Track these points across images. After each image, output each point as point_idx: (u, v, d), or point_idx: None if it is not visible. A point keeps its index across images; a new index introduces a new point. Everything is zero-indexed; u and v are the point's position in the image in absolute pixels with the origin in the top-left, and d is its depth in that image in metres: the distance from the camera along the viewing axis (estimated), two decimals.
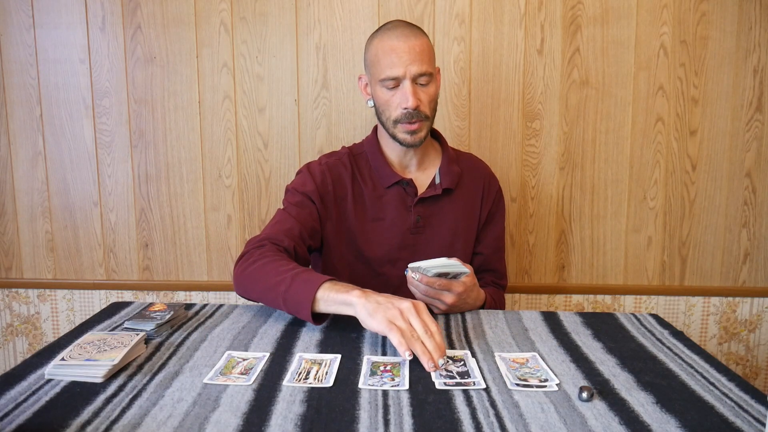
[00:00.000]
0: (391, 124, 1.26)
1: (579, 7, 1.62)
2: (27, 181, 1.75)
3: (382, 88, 1.24)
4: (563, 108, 1.66)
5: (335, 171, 1.32)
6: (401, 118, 1.23)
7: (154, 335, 1.00)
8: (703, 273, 1.72)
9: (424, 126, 1.25)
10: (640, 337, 1.03)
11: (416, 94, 1.21)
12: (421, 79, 1.22)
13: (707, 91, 1.64)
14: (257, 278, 1.09)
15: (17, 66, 1.70)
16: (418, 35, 1.23)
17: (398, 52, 1.20)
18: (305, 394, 0.80)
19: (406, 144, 1.27)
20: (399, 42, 1.21)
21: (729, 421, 0.73)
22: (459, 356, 0.93)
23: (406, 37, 1.21)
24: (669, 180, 1.68)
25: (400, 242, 1.31)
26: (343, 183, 1.31)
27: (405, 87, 1.21)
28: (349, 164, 1.33)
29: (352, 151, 1.36)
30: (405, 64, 1.20)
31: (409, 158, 1.33)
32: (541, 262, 1.73)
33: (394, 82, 1.22)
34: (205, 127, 1.71)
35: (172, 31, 1.67)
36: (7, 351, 1.84)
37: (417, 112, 1.22)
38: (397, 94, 1.23)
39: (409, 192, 1.31)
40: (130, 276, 1.78)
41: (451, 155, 1.37)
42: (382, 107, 1.26)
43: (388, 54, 1.21)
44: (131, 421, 0.72)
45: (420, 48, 1.21)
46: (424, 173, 1.35)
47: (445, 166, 1.33)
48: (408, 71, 1.20)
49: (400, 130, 1.25)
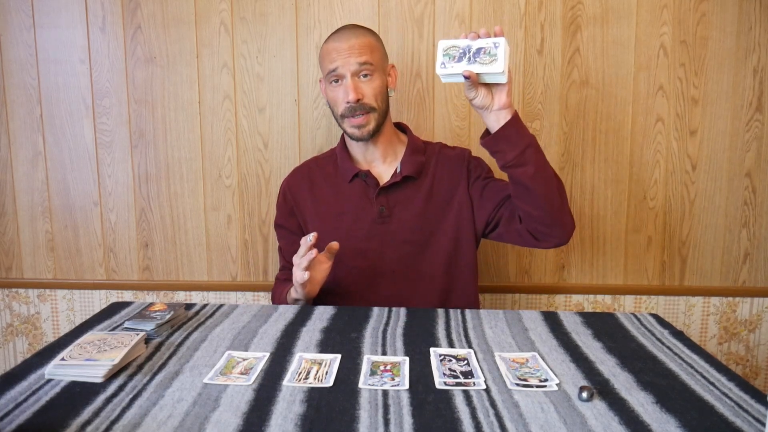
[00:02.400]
0: (340, 120, 1.32)
1: (579, 7, 1.62)
2: (27, 181, 1.75)
3: (328, 85, 1.31)
4: (563, 108, 1.66)
5: (293, 182, 1.42)
6: (346, 112, 1.29)
7: (154, 335, 1.00)
8: (703, 273, 1.72)
9: (371, 119, 1.30)
10: (640, 337, 1.03)
11: (357, 88, 1.27)
12: (363, 71, 1.27)
13: (707, 91, 1.64)
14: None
15: (17, 66, 1.70)
16: (361, 35, 1.30)
17: (338, 50, 1.28)
18: (305, 394, 0.80)
19: (355, 138, 1.32)
20: (339, 42, 1.28)
21: (729, 421, 0.73)
22: (462, 355, 0.93)
23: (347, 37, 1.28)
24: (669, 180, 1.68)
25: (365, 233, 1.33)
26: (301, 192, 1.40)
27: (345, 82, 1.27)
28: (307, 172, 1.42)
29: (318, 158, 1.47)
30: (343, 58, 1.27)
31: (371, 152, 1.37)
32: (541, 262, 1.73)
33: (335, 75, 1.28)
34: (205, 127, 1.71)
35: (172, 31, 1.67)
36: (7, 351, 1.84)
37: (360, 105, 1.27)
38: (340, 90, 1.29)
39: (369, 183, 1.34)
40: (130, 276, 1.78)
41: (417, 146, 1.39)
42: (331, 105, 1.34)
43: (330, 52, 1.30)
44: (131, 421, 0.73)
45: (360, 44, 1.28)
46: (389, 165, 1.38)
47: (407, 156, 1.36)
48: (347, 65, 1.27)
49: (347, 124, 1.31)
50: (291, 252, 1.29)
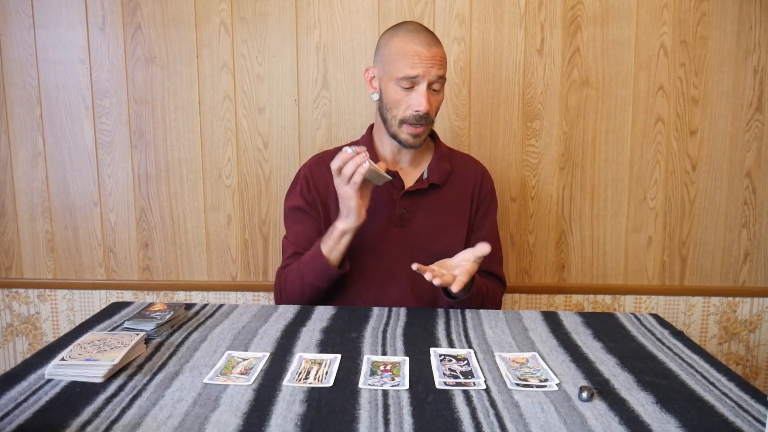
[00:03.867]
0: (397, 122, 1.27)
1: (579, 7, 1.62)
2: (27, 181, 1.75)
3: (396, 86, 1.25)
4: (563, 108, 1.66)
5: (316, 170, 1.36)
6: (409, 119, 1.25)
7: (154, 335, 1.00)
8: (703, 273, 1.72)
9: (427, 130, 1.29)
10: (640, 337, 1.03)
11: (430, 100, 1.24)
12: (435, 85, 1.25)
13: (707, 91, 1.64)
14: (289, 293, 1.28)
15: (17, 66, 1.70)
16: (439, 44, 1.28)
17: (421, 56, 1.23)
18: (305, 394, 0.80)
19: (407, 145, 1.29)
20: (422, 47, 1.23)
21: (729, 421, 0.73)
22: (462, 355, 0.93)
23: (429, 43, 1.24)
24: (669, 180, 1.68)
25: (383, 233, 1.32)
26: (325, 182, 1.34)
27: (420, 90, 1.23)
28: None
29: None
30: (426, 67, 1.23)
31: (403, 155, 1.36)
32: (541, 262, 1.73)
33: (410, 83, 1.24)
34: (205, 127, 1.71)
35: (172, 31, 1.67)
36: (7, 351, 1.84)
37: (426, 116, 1.25)
38: (410, 96, 1.24)
39: (396, 185, 1.33)
40: (130, 276, 1.78)
41: (444, 153, 1.38)
42: (391, 105, 1.27)
43: (411, 56, 1.23)
44: (131, 421, 0.72)
45: (441, 55, 1.26)
46: (416, 169, 1.37)
47: (435, 163, 1.35)
48: (428, 75, 1.23)
49: (405, 130, 1.27)
50: (309, 237, 1.30)
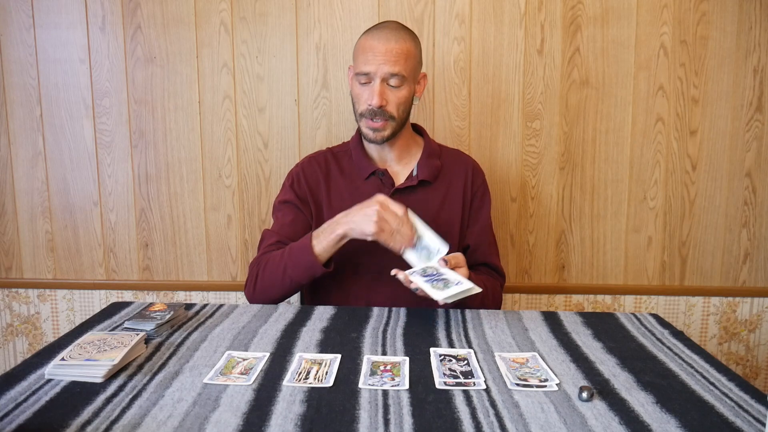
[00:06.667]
0: (358, 116, 1.32)
1: (579, 7, 1.62)
2: (27, 181, 1.75)
3: (356, 81, 1.30)
4: (563, 108, 1.66)
5: (309, 169, 1.39)
6: (365, 113, 1.29)
7: (154, 335, 1.00)
8: (703, 273, 1.72)
9: (388, 126, 1.30)
10: (640, 337, 1.03)
11: (383, 94, 1.27)
12: (392, 81, 1.27)
13: (707, 91, 1.64)
14: (266, 280, 1.24)
15: (17, 66, 1.70)
16: (401, 39, 1.27)
17: (374, 51, 1.26)
18: (305, 394, 0.80)
19: (367, 138, 1.33)
20: (379, 42, 1.26)
21: (729, 421, 0.73)
22: (462, 355, 0.93)
23: (387, 39, 1.26)
24: (669, 180, 1.68)
25: None
26: (316, 179, 1.37)
27: (374, 85, 1.27)
28: (324, 162, 1.40)
29: (333, 150, 1.43)
30: (378, 63, 1.25)
31: (387, 152, 1.37)
32: (541, 262, 1.73)
33: (366, 78, 1.27)
34: (205, 127, 1.71)
35: (172, 31, 1.67)
36: (7, 351, 1.84)
37: (381, 111, 1.27)
38: (366, 90, 1.28)
39: (385, 183, 1.35)
40: (130, 276, 1.78)
41: (433, 149, 1.40)
42: (354, 99, 1.33)
43: (366, 51, 1.27)
44: (131, 421, 0.72)
45: (398, 51, 1.26)
46: (405, 167, 1.38)
47: (424, 159, 1.37)
48: (379, 70, 1.26)
49: (364, 124, 1.31)
50: (295, 230, 1.30)
